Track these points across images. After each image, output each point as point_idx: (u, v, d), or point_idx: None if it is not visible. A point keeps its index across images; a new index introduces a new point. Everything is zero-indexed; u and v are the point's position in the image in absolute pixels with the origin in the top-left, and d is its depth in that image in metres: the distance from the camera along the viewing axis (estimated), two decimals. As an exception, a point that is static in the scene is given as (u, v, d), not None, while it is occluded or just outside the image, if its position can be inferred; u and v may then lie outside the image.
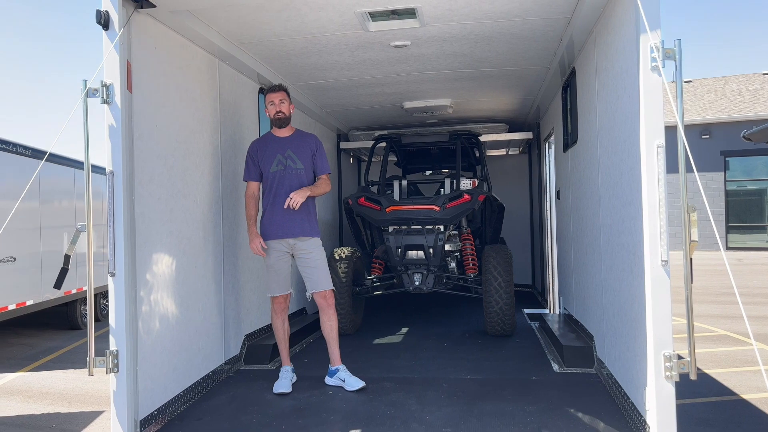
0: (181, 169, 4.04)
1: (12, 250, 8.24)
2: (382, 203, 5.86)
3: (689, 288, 2.80)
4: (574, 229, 5.40)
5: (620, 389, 3.68)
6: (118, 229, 3.25)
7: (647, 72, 2.92)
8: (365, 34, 4.58)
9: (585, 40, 4.51)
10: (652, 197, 2.90)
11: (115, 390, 3.24)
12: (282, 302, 4.41)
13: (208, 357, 4.34)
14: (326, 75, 5.75)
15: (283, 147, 4.33)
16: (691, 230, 2.79)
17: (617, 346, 3.81)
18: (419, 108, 7.12)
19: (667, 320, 2.87)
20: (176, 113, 4.01)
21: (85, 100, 3.18)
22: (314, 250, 4.32)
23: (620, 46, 3.45)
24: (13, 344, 9.04)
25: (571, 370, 4.47)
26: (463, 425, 3.41)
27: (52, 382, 6.79)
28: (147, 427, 3.43)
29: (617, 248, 3.71)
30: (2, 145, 8.22)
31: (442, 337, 5.83)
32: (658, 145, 2.89)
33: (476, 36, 4.67)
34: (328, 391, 4.13)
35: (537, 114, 7.62)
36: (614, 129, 3.69)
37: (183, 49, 4.14)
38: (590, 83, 4.48)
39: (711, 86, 25.94)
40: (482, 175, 6.88)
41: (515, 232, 8.93)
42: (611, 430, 3.26)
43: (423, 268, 5.96)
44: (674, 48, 2.84)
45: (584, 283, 4.97)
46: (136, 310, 3.42)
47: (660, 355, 2.85)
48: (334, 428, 3.42)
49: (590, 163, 4.54)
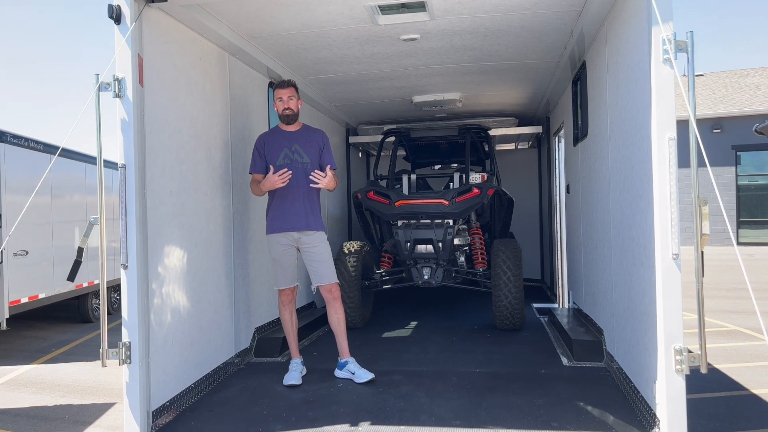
0: (192, 162, 4.06)
1: (25, 244, 8.33)
2: (391, 197, 5.86)
3: (700, 281, 2.79)
4: (584, 223, 5.38)
5: (630, 383, 3.67)
6: (130, 222, 3.28)
7: (659, 64, 2.90)
8: (375, 28, 4.58)
9: (596, 33, 4.48)
10: (664, 191, 2.89)
11: (128, 381, 3.28)
12: (289, 295, 4.44)
13: (218, 349, 4.38)
14: (335, 69, 5.76)
15: (290, 141, 4.35)
16: (702, 224, 2.78)
17: (627, 340, 3.80)
18: (428, 102, 7.11)
19: (678, 313, 2.86)
20: (187, 107, 4.04)
21: (97, 94, 3.20)
22: (319, 243, 4.34)
23: (632, 38, 3.43)
24: (26, 337, 9.15)
25: (581, 363, 4.46)
26: (473, 418, 3.42)
27: (64, 374, 6.87)
28: (159, 418, 3.47)
29: (628, 242, 3.70)
30: (14, 139, 8.30)
31: (451, 331, 5.84)
32: (669, 139, 2.87)
33: (486, 29, 4.66)
34: (338, 384, 4.16)
35: (547, 108, 7.59)
36: (625, 122, 3.67)
37: (194, 43, 4.16)
38: (601, 76, 4.46)
39: (722, 80, 25.70)
40: (492, 169, 6.87)
41: (524, 227, 8.91)
42: (621, 424, 3.26)
43: (432, 262, 5.97)
44: (686, 40, 2.82)
45: (594, 278, 4.96)
46: (148, 303, 3.45)
47: (670, 349, 2.84)
48: (344, 420, 3.44)
49: (600, 156, 4.53)
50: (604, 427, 3.23)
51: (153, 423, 3.39)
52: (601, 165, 4.52)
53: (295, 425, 3.37)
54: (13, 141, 8.26)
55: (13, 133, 8.29)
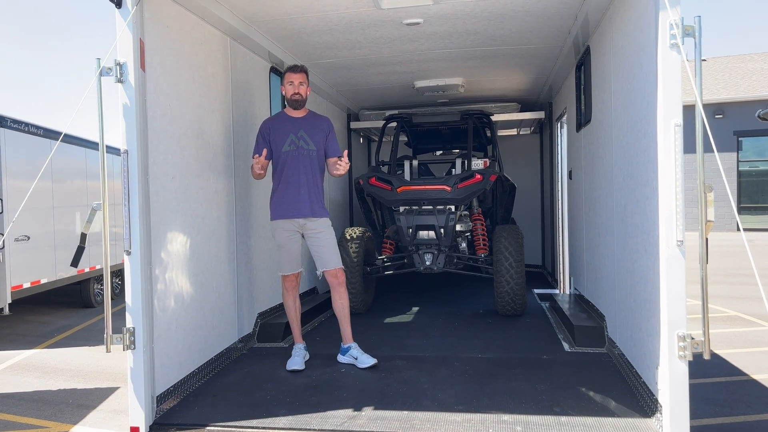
0: (194, 148, 4.05)
1: (26, 230, 8.33)
2: (393, 183, 5.85)
3: (704, 268, 2.79)
4: (587, 209, 5.37)
5: (632, 368, 3.69)
6: (133, 208, 3.27)
7: (666, 49, 2.87)
8: (377, 12, 4.53)
9: (600, 18, 4.44)
10: (669, 177, 2.87)
11: (132, 366, 3.29)
12: (293, 281, 4.45)
13: (221, 335, 4.39)
14: (337, 54, 5.71)
15: (296, 127, 4.33)
16: (707, 210, 2.78)
17: (629, 326, 3.81)
18: (430, 87, 7.07)
19: (681, 300, 2.87)
20: (189, 92, 4.01)
21: (98, 78, 3.18)
22: (324, 229, 4.34)
23: (637, 23, 3.40)
24: (29, 322, 9.19)
25: (582, 349, 4.48)
26: (475, 403, 3.44)
27: (67, 359, 6.91)
28: (163, 403, 3.49)
29: (631, 228, 3.70)
30: (14, 124, 8.26)
31: (452, 317, 5.87)
32: (675, 125, 2.86)
33: (489, 13, 4.61)
34: (341, 369, 4.18)
35: (549, 93, 7.54)
36: (630, 108, 3.65)
37: (195, 27, 4.12)
38: (605, 61, 4.42)
39: (725, 65, 25.54)
40: (494, 155, 6.85)
41: (525, 213, 8.90)
42: (622, 409, 3.28)
43: (434, 248, 5.97)
44: (693, 25, 2.79)
45: (596, 264, 4.96)
46: (152, 289, 3.46)
47: (674, 335, 2.85)
48: (347, 405, 3.46)
49: (604, 142, 4.51)
50: (607, 412, 3.25)
51: (157, 408, 3.41)
52: (604, 151, 4.50)
53: (299, 410, 3.39)
54: (13, 126, 8.23)
55: (13, 118, 8.25)
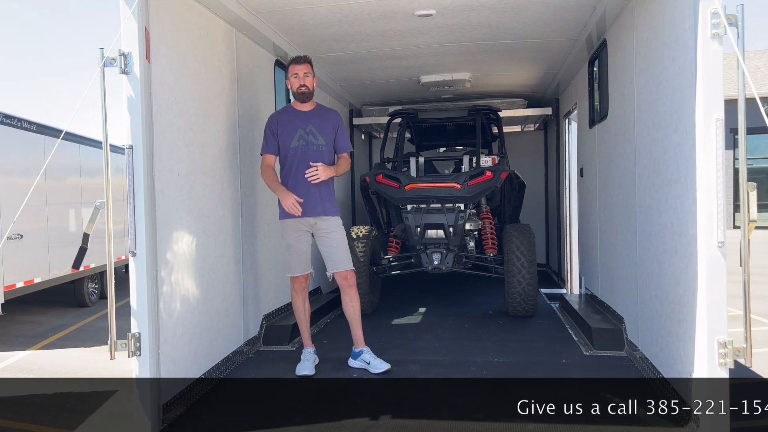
0: (200, 143, 3.87)
1: (19, 228, 8.09)
2: (401, 181, 5.68)
3: (747, 270, 2.65)
4: (601, 207, 5.23)
5: (657, 374, 3.55)
6: (138, 206, 3.10)
7: (706, 40, 2.73)
8: (388, 2, 4.37)
9: (620, 10, 4.29)
10: (709, 175, 2.73)
11: (138, 374, 3.11)
12: (302, 282, 4.28)
13: (227, 338, 4.22)
14: (344, 47, 5.54)
15: (304, 121, 4.15)
16: (750, 209, 2.64)
17: (655, 330, 3.67)
18: (436, 82, 6.90)
19: (723, 304, 2.73)
20: (195, 85, 3.83)
21: (102, 70, 3.00)
22: (335, 229, 4.17)
23: (669, 13, 3.25)
24: (22, 322, 8.96)
25: (601, 353, 4.34)
26: (496, 411, 3.28)
27: (62, 361, 6.71)
28: (170, 411, 3.31)
29: (658, 228, 3.55)
30: (7, 120, 8.03)
31: (462, 318, 5.71)
32: (717, 119, 2.71)
33: (505, 5, 4.46)
34: (353, 374, 4.02)
35: (556, 89, 7.40)
36: (658, 102, 3.50)
37: (201, 17, 3.93)
38: (625, 55, 4.27)
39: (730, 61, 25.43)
40: (501, 152, 6.69)
41: (529, 210, 8.72)
42: (651, 417, 3.12)
43: (442, 247, 5.81)
44: (736, 14, 2.65)
45: (612, 264, 4.82)
46: (158, 291, 3.28)
47: (713, 341, 2.71)
48: (363, 413, 3.30)
49: (624, 139, 4.36)
50: (635, 421, 3.10)
51: (164, 416, 3.24)
52: (624, 147, 4.35)
53: (314, 418, 3.23)
54: (5, 121, 8.00)
55: (5, 113, 8.02)
